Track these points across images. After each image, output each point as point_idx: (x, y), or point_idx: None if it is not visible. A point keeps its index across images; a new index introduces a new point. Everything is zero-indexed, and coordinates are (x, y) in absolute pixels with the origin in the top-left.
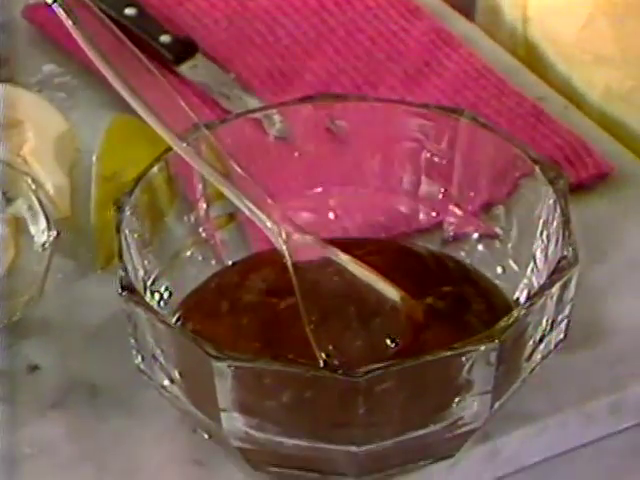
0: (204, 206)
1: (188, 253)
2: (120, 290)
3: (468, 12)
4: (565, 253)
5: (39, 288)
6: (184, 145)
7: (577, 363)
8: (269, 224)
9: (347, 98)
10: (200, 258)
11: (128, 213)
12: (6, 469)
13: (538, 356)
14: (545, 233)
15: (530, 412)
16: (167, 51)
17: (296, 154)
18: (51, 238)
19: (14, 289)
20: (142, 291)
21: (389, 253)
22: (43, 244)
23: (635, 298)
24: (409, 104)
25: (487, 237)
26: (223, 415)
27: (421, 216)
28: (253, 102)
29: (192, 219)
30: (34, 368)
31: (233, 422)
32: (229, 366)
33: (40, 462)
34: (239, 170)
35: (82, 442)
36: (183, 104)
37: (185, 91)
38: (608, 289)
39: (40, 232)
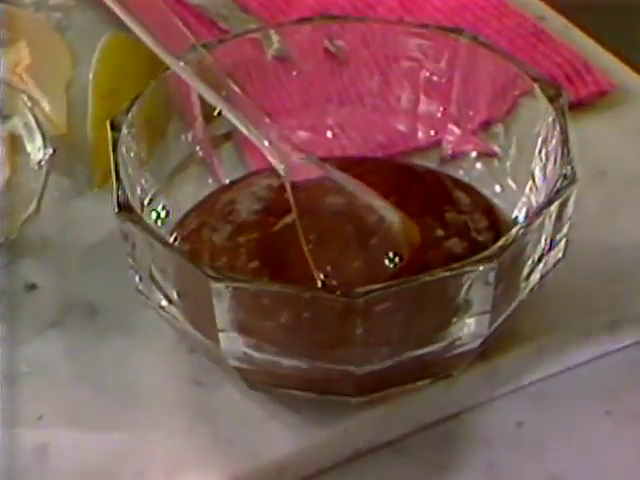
0: (201, 125)
1: (185, 172)
2: (117, 209)
3: None
4: (564, 171)
5: (36, 206)
6: (181, 64)
7: (576, 282)
8: (266, 143)
9: (346, 19)
10: (197, 177)
11: (124, 132)
12: (5, 387)
13: (537, 276)
14: (544, 151)
15: (528, 332)
16: None
17: (294, 74)
18: (47, 156)
19: (11, 207)
20: (139, 210)
21: (387, 172)
22: (39, 162)
23: (634, 216)
24: (408, 24)
25: (486, 156)
26: (221, 335)
27: (419, 135)
28: (251, 23)
29: (189, 138)
30: (32, 287)
31: (231, 342)
32: (227, 287)
33: (38, 381)
34: (237, 89)
35: (80, 361)
36: (180, 25)
37: (183, 12)
38: (607, 207)
39: (36, 150)
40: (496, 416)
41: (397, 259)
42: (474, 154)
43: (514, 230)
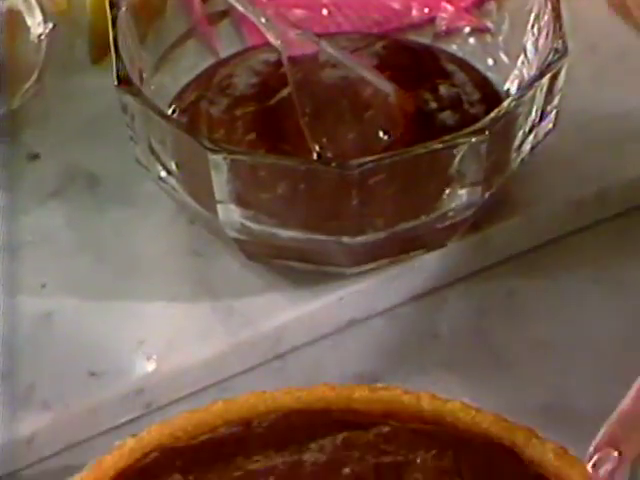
0: (199, 3)
1: (183, 47)
2: (116, 82)
3: None
4: (555, 45)
5: (37, 77)
6: None
7: (566, 153)
8: (263, 20)
9: None
10: (195, 52)
11: (124, 8)
12: (8, 256)
13: (527, 147)
14: (536, 26)
15: (519, 202)
16: None
17: None
18: (47, 30)
19: (12, 78)
20: (138, 83)
21: (382, 47)
22: (39, 35)
23: (623, 87)
24: None
25: (478, 31)
26: (219, 207)
27: (414, 12)
28: None
29: (188, 14)
30: (34, 157)
31: (229, 214)
32: (224, 158)
33: (40, 250)
34: None
35: (82, 231)
36: None
37: None
38: (597, 80)
39: (36, 24)
40: (487, 285)
41: (391, 131)
42: (467, 30)
43: (506, 102)
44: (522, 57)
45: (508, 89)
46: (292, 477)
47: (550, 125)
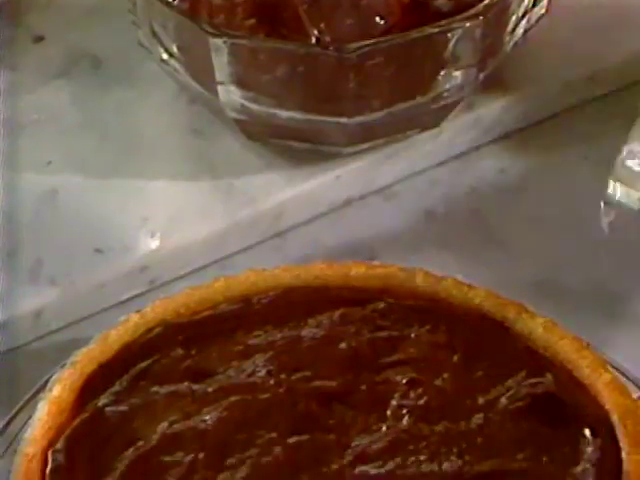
0: None
1: None
2: None
3: None
4: None
5: None
6: None
7: (558, 36)
8: None
9: None
10: None
11: None
12: (12, 133)
13: (520, 31)
14: None
15: (512, 83)
16: None
17: None
18: None
19: None
20: None
21: None
22: None
23: None
24: None
25: None
26: (220, 88)
27: None
28: None
29: None
30: (39, 39)
31: (229, 95)
32: (225, 42)
33: (45, 128)
34: None
35: (86, 110)
36: None
37: None
38: None
39: None
40: (480, 164)
41: (388, 17)
42: None
43: None
44: None
45: None
46: (291, 352)
47: (543, 10)
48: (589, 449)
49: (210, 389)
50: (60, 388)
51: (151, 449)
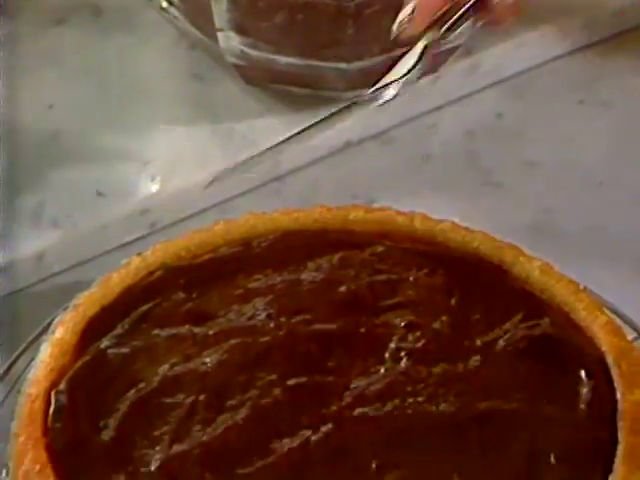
0: None
1: None
2: None
3: None
4: None
5: None
6: None
7: None
8: None
9: None
10: None
11: None
12: (14, 78)
13: None
14: None
15: (509, 29)
16: None
17: None
18: None
19: None
20: None
21: None
22: None
23: None
24: None
25: None
26: (219, 34)
27: None
28: None
29: None
30: None
31: (229, 41)
32: None
33: (47, 73)
34: None
35: (86, 56)
36: None
37: None
38: None
39: None
40: (477, 108)
41: None
42: None
43: None
44: None
45: None
46: (290, 295)
47: None
48: (585, 389)
49: (211, 332)
50: (63, 330)
51: (152, 391)
